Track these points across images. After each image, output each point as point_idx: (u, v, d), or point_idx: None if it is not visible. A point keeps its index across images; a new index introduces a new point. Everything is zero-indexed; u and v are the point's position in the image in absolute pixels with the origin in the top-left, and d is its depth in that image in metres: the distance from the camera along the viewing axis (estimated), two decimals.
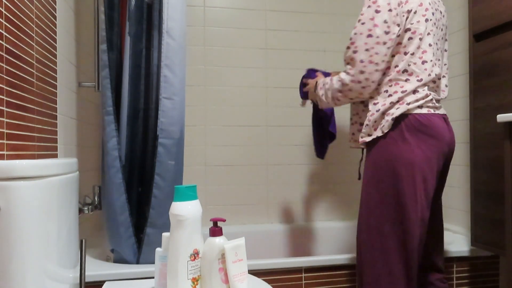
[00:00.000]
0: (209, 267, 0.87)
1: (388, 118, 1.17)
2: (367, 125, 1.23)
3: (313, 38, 2.18)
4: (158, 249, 0.96)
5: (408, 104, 1.16)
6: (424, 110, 1.18)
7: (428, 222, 1.24)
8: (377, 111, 1.20)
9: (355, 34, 1.20)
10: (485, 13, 1.48)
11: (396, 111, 1.17)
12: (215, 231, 0.90)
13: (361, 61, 1.19)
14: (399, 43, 1.19)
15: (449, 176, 1.92)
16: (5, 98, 0.93)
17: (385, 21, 1.16)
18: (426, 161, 1.15)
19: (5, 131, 0.93)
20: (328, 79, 1.31)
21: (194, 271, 0.86)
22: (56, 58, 1.33)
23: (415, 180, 1.14)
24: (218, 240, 0.89)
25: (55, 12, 1.33)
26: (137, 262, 1.42)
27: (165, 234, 0.96)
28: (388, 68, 1.21)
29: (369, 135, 1.23)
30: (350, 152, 2.22)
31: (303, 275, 1.46)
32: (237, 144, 2.10)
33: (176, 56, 1.41)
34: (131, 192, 1.44)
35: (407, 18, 1.18)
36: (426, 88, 1.20)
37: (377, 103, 1.21)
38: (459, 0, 1.86)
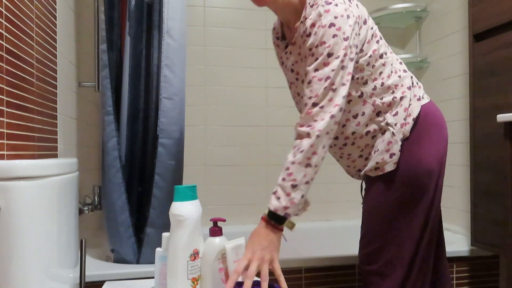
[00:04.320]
0: (209, 267, 0.87)
1: None
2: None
3: None
4: (158, 249, 0.96)
5: None
6: None
7: None
8: None
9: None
10: (485, 13, 1.48)
11: None
12: (215, 231, 0.90)
13: None
14: None
15: (449, 176, 1.92)
16: (5, 98, 0.93)
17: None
18: None
19: (5, 131, 0.93)
20: None
21: (194, 271, 0.86)
22: (56, 58, 1.33)
23: None
24: (218, 240, 0.89)
25: (55, 12, 1.33)
26: (137, 262, 1.42)
27: (165, 234, 0.96)
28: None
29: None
30: None
31: (303, 275, 1.46)
32: (237, 144, 2.10)
33: (176, 56, 1.41)
34: (131, 192, 1.44)
35: None
36: None
37: None
38: (459, 0, 1.86)
